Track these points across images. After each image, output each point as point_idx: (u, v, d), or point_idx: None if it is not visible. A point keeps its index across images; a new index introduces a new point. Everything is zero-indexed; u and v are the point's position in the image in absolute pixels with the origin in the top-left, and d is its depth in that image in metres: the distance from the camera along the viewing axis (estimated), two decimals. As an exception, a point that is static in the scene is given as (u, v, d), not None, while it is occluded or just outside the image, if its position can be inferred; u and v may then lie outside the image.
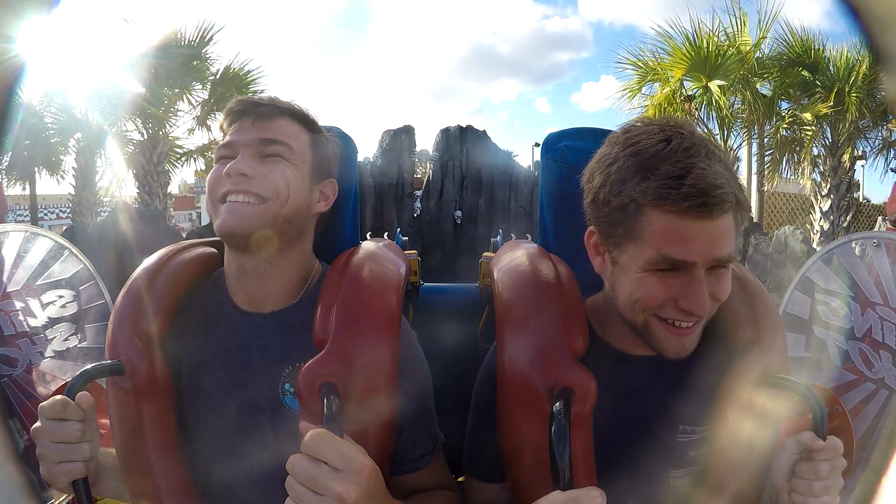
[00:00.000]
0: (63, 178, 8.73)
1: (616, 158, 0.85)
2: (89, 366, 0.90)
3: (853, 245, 2.01)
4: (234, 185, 0.92)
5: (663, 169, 0.80)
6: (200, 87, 8.45)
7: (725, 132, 8.03)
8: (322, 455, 0.74)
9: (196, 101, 8.41)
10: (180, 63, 7.98)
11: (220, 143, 1.00)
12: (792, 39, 7.68)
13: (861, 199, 11.52)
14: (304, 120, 1.03)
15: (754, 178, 9.20)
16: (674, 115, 7.71)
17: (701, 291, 0.82)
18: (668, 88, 7.90)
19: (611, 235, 0.87)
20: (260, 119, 0.98)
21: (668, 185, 0.79)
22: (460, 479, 1.08)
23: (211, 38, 8.20)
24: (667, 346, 0.87)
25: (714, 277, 0.84)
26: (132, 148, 8.22)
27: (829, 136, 7.79)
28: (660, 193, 0.79)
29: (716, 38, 7.64)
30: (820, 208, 7.89)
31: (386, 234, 1.52)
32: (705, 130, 8.12)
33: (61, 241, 2.18)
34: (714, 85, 7.53)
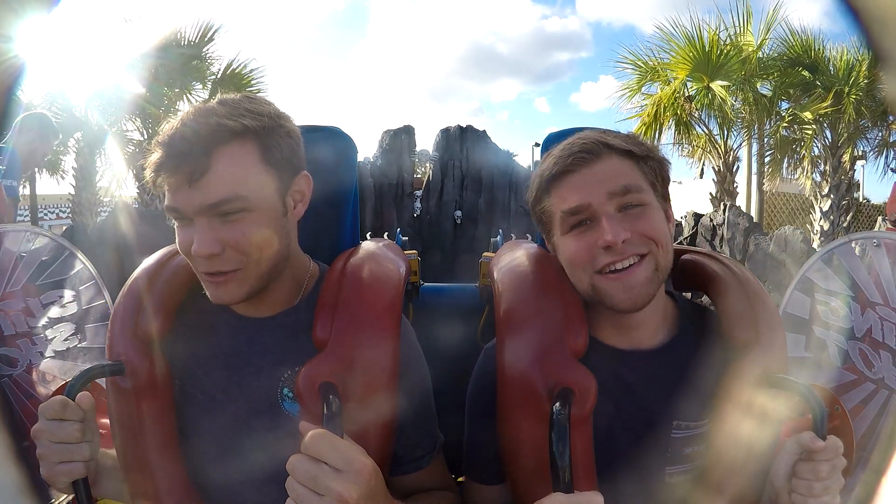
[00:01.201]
0: (63, 178, 8.73)
1: None
2: (89, 366, 0.90)
3: (853, 245, 2.00)
4: (206, 267, 0.87)
5: (554, 155, 0.95)
6: (200, 86, 8.45)
7: (725, 132, 8.03)
8: (322, 455, 0.74)
9: (196, 101, 8.41)
10: (180, 63, 7.97)
11: (165, 203, 0.87)
12: (792, 39, 7.68)
13: (861, 199, 11.52)
14: (243, 130, 0.85)
15: (754, 178, 9.20)
16: (674, 114, 7.72)
17: (611, 224, 0.88)
18: (669, 89, 7.89)
19: (545, 230, 0.99)
20: (196, 179, 0.83)
21: (555, 162, 0.94)
22: (460, 479, 1.08)
23: (211, 38, 8.20)
24: (616, 297, 0.90)
25: (632, 216, 0.90)
26: (132, 148, 8.22)
27: (828, 136, 7.79)
28: (546, 171, 0.94)
29: (717, 38, 7.64)
30: (820, 208, 7.88)
31: (386, 234, 1.53)
32: (706, 130, 8.12)
33: (61, 241, 2.18)
34: (717, 86, 7.52)
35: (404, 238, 1.59)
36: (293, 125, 0.95)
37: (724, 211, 6.10)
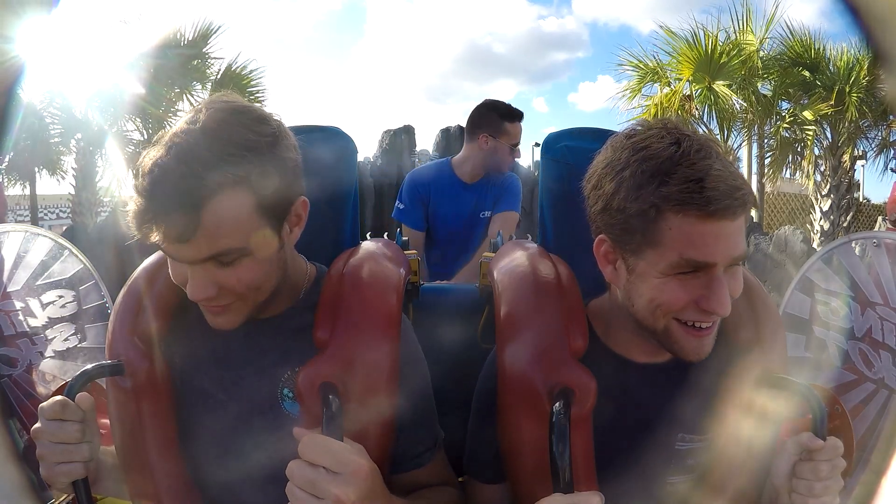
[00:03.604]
0: (63, 178, 8.73)
1: (627, 164, 0.84)
2: (89, 366, 0.90)
3: (853, 245, 2.01)
4: (204, 304, 0.86)
5: (680, 173, 0.80)
6: (200, 87, 8.45)
7: (725, 132, 8.03)
8: (318, 459, 0.75)
9: (196, 101, 8.41)
10: (180, 63, 7.97)
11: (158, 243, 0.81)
12: (792, 39, 7.68)
13: (861, 199, 11.51)
14: (235, 181, 0.78)
15: (754, 178, 9.20)
16: (674, 114, 7.72)
17: (723, 291, 0.82)
18: (670, 89, 7.90)
19: (626, 242, 0.85)
20: (185, 240, 0.78)
21: (690, 188, 0.79)
22: (461, 479, 1.08)
23: (210, 38, 8.20)
24: (687, 349, 0.86)
25: (730, 275, 0.84)
26: (132, 148, 8.22)
27: (829, 136, 7.79)
28: (682, 199, 0.79)
29: (718, 39, 7.65)
30: (820, 208, 7.88)
31: (386, 234, 1.52)
32: (705, 130, 8.12)
33: (61, 241, 2.18)
34: (719, 86, 7.52)
35: (404, 238, 1.59)
36: (290, 147, 0.87)
37: (724, 211, 6.08)
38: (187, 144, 0.78)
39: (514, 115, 2.46)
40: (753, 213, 9.05)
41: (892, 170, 8.42)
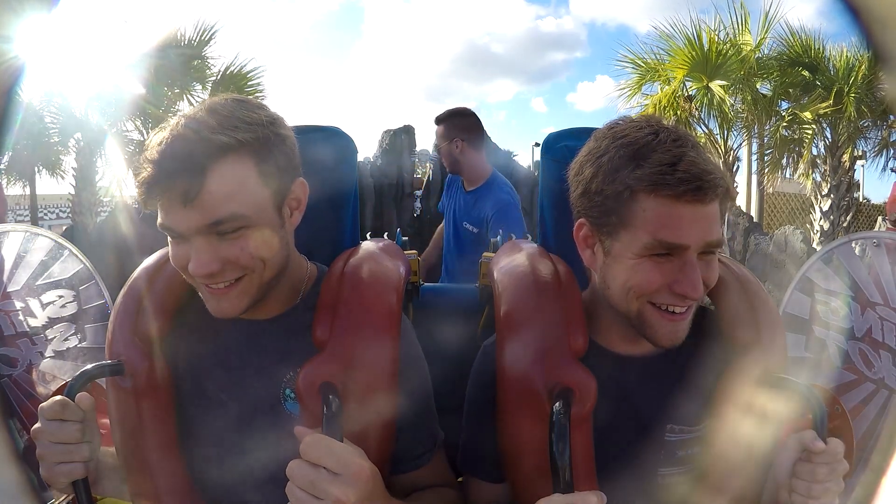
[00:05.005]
0: (63, 178, 8.72)
1: (606, 150, 0.88)
2: (89, 366, 0.90)
3: (853, 245, 2.01)
4: (206, 282, 0.85)
5: (655, 157, 0.83)
6: (200, 87, 8.45)
7: (725, 132, 8.03)
8: (319, 460, 0.75)
9: (196, 101, 8.41)
10: (180, 63, 7.97)
11: (159, 221, 0.84)
12: (792, 39, 7.68)
13: (861, 199, 11.50)
14: (238, 144, 0.82)
15: (754, 178, 9.19)
16: (674, 114, 7.72)
17: (695, 275, 0.84)
18: (669, 88, 7.89)
19: (603, 225, 0.88)
20: (190, 200, 0.80)
21: (663, 171, 0.82)
22: (460, 479, 1.08)
23: (210, 39, 8.20)
24: (661, 334, 0.88)
25: (704, 263, 0.86)
26: (132, 148, 8.22)
27: (829, 135, 7.79)
28: (655, 179, 0.82)
29: (716, 38, 7.64)
30: (820, 208, 7.88)
31: (386, 234, 1.52)
32: (705, 130, 8.12)
33: (61, 241, 2.18)
34: (716, 86, 7.52)
35: (404, 238, 1.59)
36: (288, 129, 0.91)
37: (724, 211, 6.08)
38: (194, 119, 0.84)
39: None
40: (754, 213, 9.05)
41: (892, 170, 8.42)
